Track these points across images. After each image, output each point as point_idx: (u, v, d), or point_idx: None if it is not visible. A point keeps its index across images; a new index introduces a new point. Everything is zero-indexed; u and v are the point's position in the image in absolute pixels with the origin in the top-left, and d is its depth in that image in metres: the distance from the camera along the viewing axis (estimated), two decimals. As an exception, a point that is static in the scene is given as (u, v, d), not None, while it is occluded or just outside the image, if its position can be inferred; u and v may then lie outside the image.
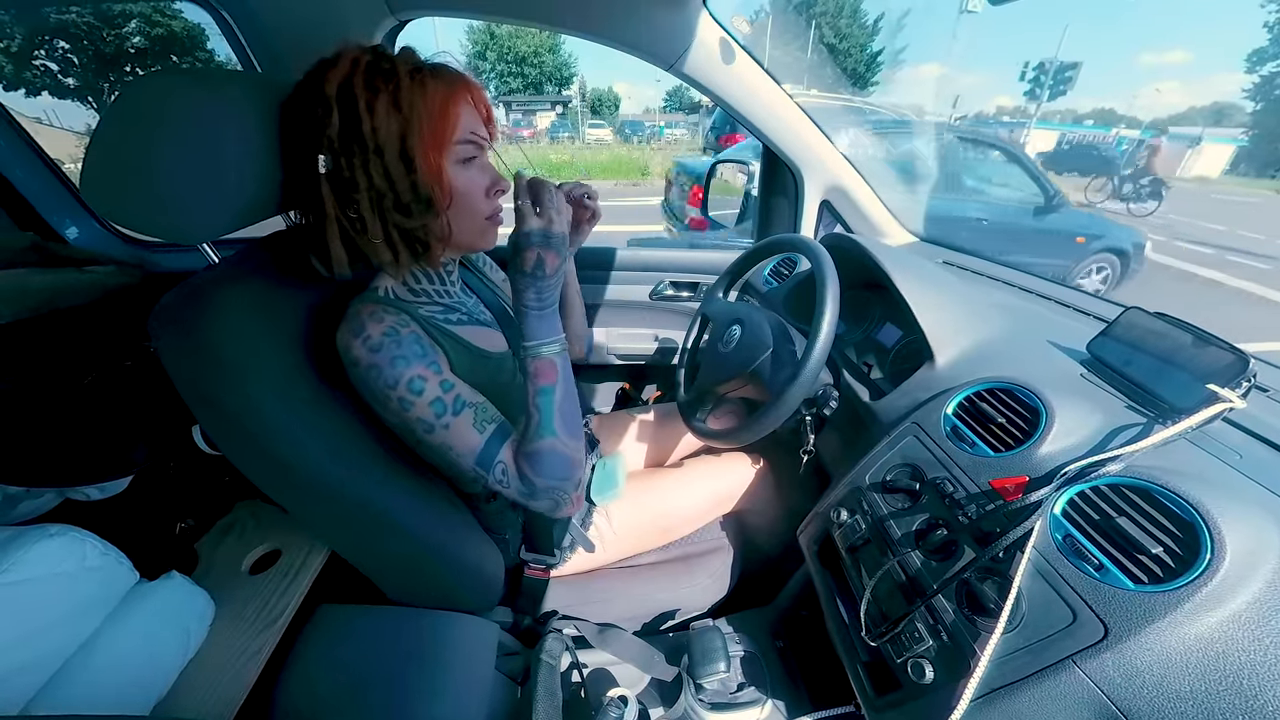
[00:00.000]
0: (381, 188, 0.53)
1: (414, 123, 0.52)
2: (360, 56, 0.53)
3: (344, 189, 0.54)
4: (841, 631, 0.61)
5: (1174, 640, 0.37)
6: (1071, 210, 3.63)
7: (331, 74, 0.51)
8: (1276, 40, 54.92)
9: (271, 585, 0.83)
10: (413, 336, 0.57)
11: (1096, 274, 3.97)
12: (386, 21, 0.95)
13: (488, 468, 0.59)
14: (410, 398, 0.55)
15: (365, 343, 0.55)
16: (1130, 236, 3.97)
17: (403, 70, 0.53)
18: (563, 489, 0.60)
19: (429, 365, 0.57)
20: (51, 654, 0.60)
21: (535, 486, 0.59)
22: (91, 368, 0.87)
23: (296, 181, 0.56)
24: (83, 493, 0.87)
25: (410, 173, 0.54)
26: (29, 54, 15.91)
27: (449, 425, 0.57)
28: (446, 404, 0.57)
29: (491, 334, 0.71)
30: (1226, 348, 0.52)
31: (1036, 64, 30.25)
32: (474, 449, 0.58)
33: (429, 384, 0.56)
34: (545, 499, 0.60)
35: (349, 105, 0.51)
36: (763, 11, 36.53)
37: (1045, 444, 0.52)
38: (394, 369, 0.55)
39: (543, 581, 0.80)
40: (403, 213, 0.55)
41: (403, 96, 0.52)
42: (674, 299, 1.36)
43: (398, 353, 0.55)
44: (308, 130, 0.52)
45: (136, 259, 1.18)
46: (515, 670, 0.72)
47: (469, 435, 0.58)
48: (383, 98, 0.51)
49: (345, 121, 0.51)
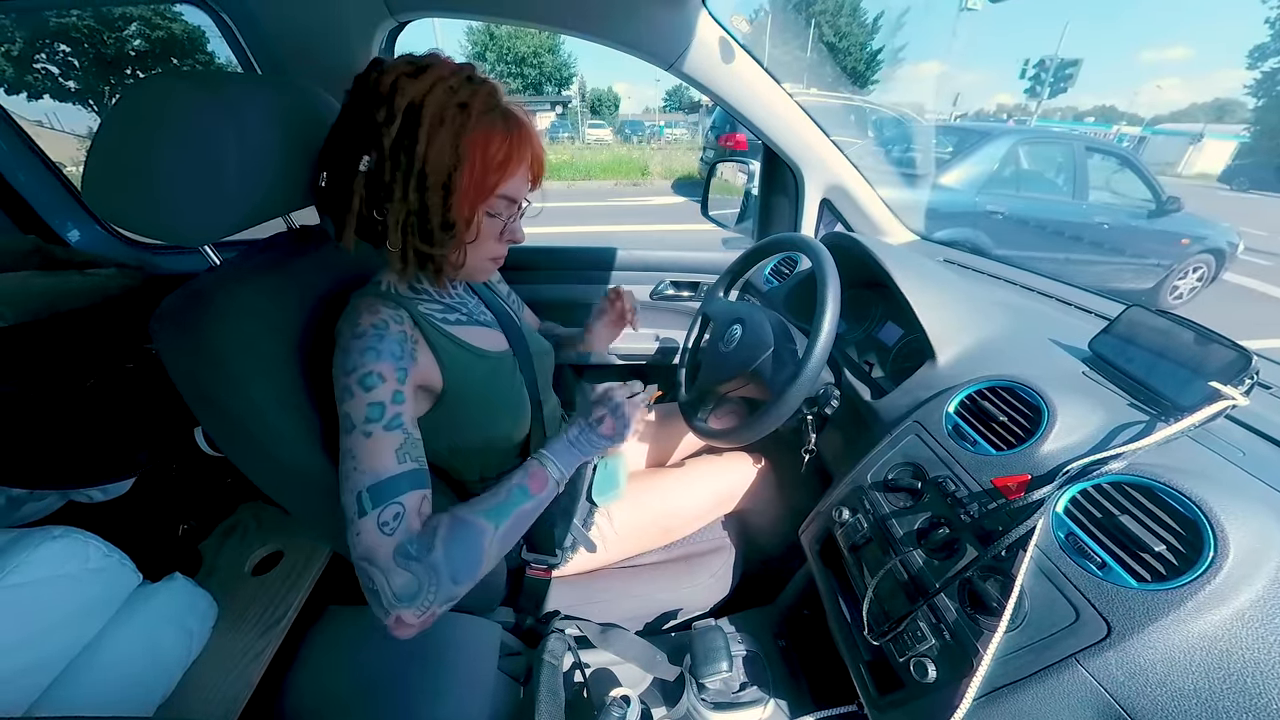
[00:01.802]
0: (413, 207, 0.54)
1: (465, 165, 0.53)
2: (443, 79, 0.52)
3: (377, 192, 0.54)
4: (844, 630, 0.61)
5: (1177, 638, 0.37)
6: (1180, 214, 3.76)
7: (410, 86, 0.51)
8: (1278, 36, 54.75)
9: (274, 586, 0.83)
10: (399, 336, 0.56)
11: (1193, 273, 4.10)
12: (386, 23, 0.95)
13: (378, 502, 0.49)
14: (355, 389, 0.51)
15: (353, 330, 0.54)
16: (1227, 236, 4.06)
17: (476, 112, 0.52)
18: (435, 588, 0.49)
19: (396, 369, 0.54)
20: (55, 655, 0.61)
21: (425, 558, 0.49)
22: (93, 370, 0.88)
23: (334, 164, 0.56)
24: (86, 495, 0.88)
25: (445, 206, 0.54)
26: (30, 57, 15.95)
27: (370, 434, 0.50)
28: (385, 413, 0.51)
29: (491, 334, 0.71)
30: (1229, 345, 0.52)
31: (1037, 61, 30.21)
32: (377, 474, 0.49)
33: (382, 386, 0.52)
34: (411, 577, 0.48)
35: (413, 124, 0.51)
36: (762, 10, 36.50)
37: (1047, 442, 0.52)
38: (361, 357, 0.52)
39: (545, 582, 0.80)
40: (424, 237, 0.56)
41: (467, 138, 0.52)
42: (674, 299, 1.36)
43: (372, 344, 0.53)
44: (365, 127, 0.52)
45: (138, 261, 1.18)
46: (518, 670, 0.73)
47: (382, 457, 0.50)
48: (447, 131, 0.51)
49: (403, 137, 0.51)
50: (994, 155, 3.44)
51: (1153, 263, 3.88)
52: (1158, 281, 3.95)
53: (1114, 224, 3.69)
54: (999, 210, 3.33)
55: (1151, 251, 3.85)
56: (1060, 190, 3.69)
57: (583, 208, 7.60)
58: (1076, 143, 3.74)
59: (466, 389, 0.63)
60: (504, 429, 0.71)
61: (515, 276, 0.92)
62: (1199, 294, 4.20)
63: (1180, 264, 3.97)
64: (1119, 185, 3.76)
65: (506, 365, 0.70)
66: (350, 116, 0.54)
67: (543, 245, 1.33)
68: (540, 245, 1.33)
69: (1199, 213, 4.14)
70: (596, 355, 1.00)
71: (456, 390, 0.62)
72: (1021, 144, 3.57)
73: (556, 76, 33.02)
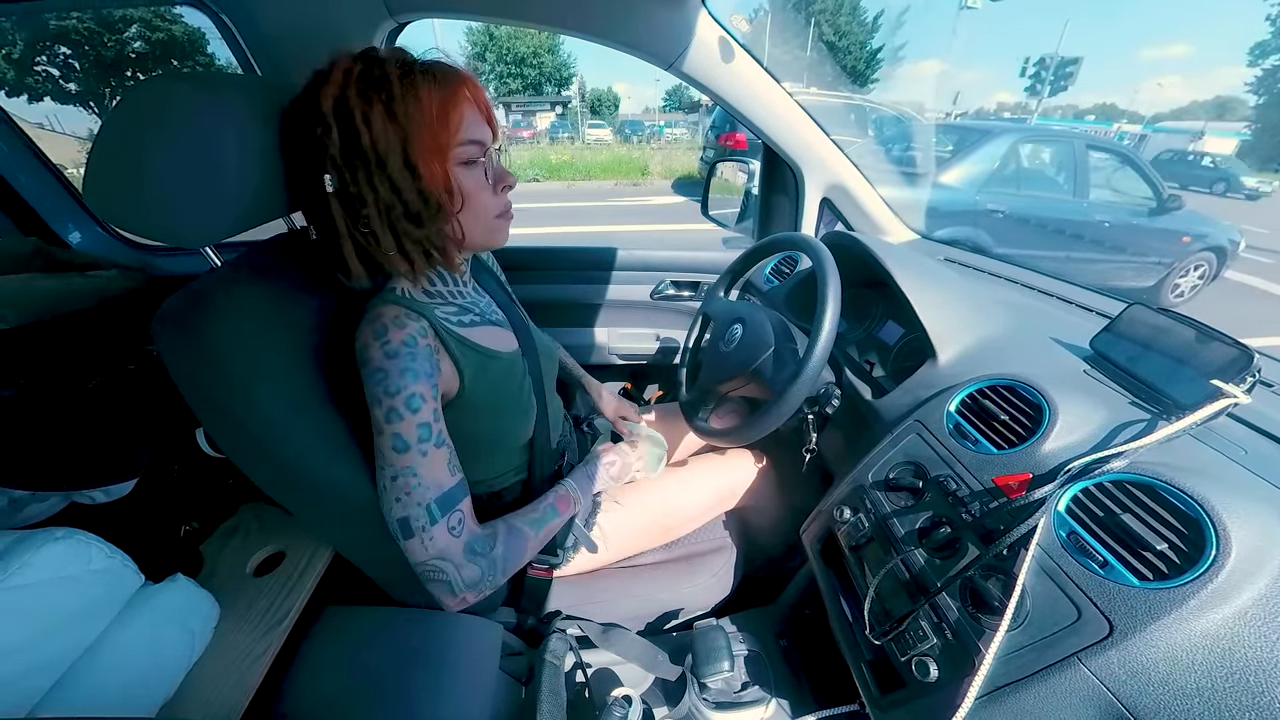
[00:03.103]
0: (389, 200, 0.53)
1: (413, 131, 0.52)
2: (352, 66, 0.52)
3: (353, 205, 0.53)
4: (845, 630, 0.61)
5: (1180, 637, 0.37)
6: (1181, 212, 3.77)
7: (325, 89, 0.51)
8: (1279, 33, 54.65)
9: (276, 587, 0.83)
10: (427, 350, 0.57)
11: (1194, 271, 4.10)
12: (386, 24, 0.95)
13: (445, 509, 0.56)
14: (403, 412, 0.54)
15: (384, 347, 0.54)
16: (1228, 233, 4.06)
17: (394, 75, 0.51)
18: (493, 577, 0.60)
19: (430, 387, 0.56)
20: (58, 657, 0.61)
21: (487, 554, 0.59)
22: (95, 372, 0.88)
23: (304, 199, 0.56)
24: (88, 496, 0.88)
25: (416, 181, 0.53)
26: (31, 60, 15.98)
27: (426, 454, 0.55)
28: (433, 432, 0.55)
29: (503, 334, 0.71)
30: (1230, 343, 0.52)
31: (1037, 60, 30.15)
32: (441, 486, 0.56)
33: (426, 406, 0.55)
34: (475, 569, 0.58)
35: (346, 120, 0.50)
36: (762, 10, 36.47)
37: (1048, 441, 0.52)
38: (402, 379, 0.54)
39: (546, 581, 0.80)
40: (414, 222, 0.55)
41: (397, 105, 0.51)
42: (675, 298, 1.36)
43: (410, 365, 0.54)
44: (310, 149, 0.52)
45: (139, 263, 1.18)
46: (519, 671, 0.73)
47: (440, 472, 0.56)
48: (377, 108, 0.51)
49: (345, 138, 0.51)
50: (994, 154, 3.44)
51: (1154, 261, 3.88)
52: (1159, 279, 3.96)
53: (1115, 222, 3.69)
54: (999, 209, 3.33)
55: (1152, 249, 3.85)
56: (1061, 188, 3.69)
57: (583, 208, 7.59)
58: (1077, 140, 3.74)
59: (480, 392, 0.64)
60: (511, 430, 0.71)
61: (515, 276, 0.92)
62: (1200, 292, 4.20)
63: (1181, 262, 3.98)
64: (1120, 183, 3.76)
65: (517, 367, 0.71)
66: (292, 149, 0.54)
67: (543, 245, 1.33)
68: (540, 245, 1.33)
69: (1200, 210, 4.14)
70: (597, 356, 1.02)
71: (471, 393, 0.63)
72: (1021, 142, 3.57)
73: (556, 77, 33.02)
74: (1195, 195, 13.00)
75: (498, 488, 0.75)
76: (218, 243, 0.55)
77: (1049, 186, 3.75)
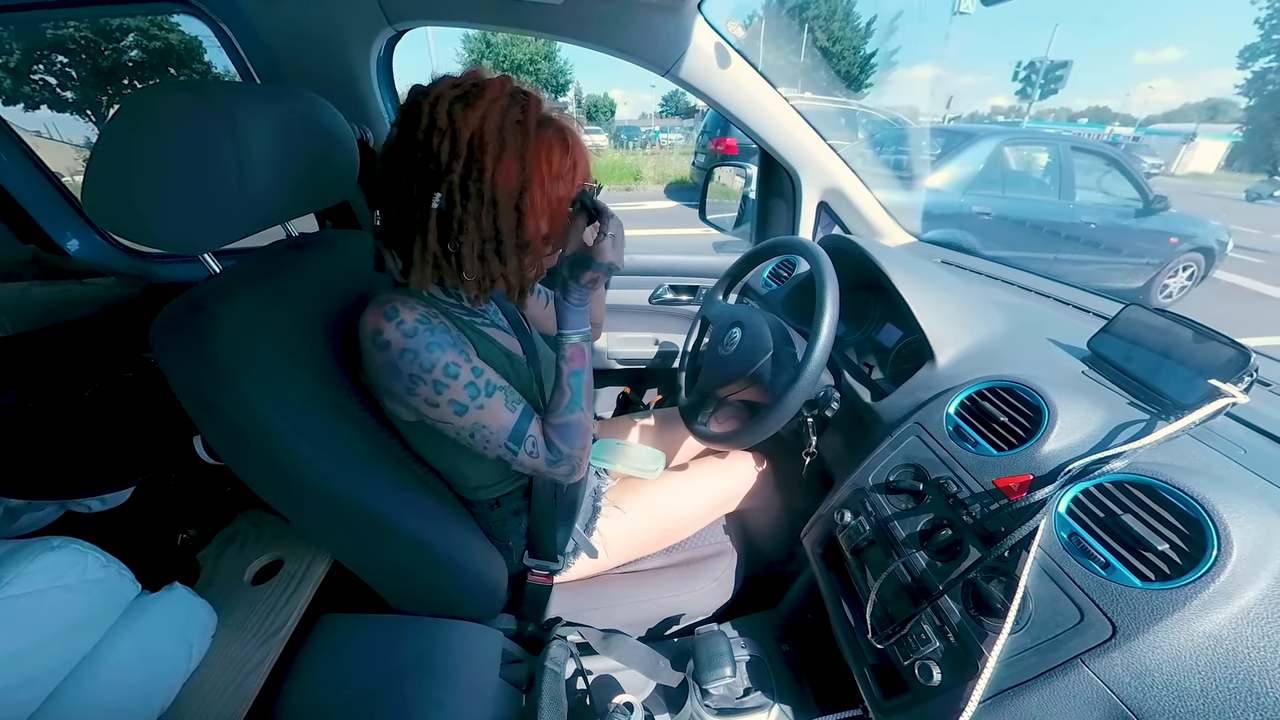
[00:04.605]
0: (487, 234, 0.54)
1: (534, 183, 0.54)
2: (495, 100, 0.52)
3: (450, 226, 0.54)
4: (847, 634, 0.60)
5: (1183, 638, 0.37)
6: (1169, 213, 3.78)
7: (469, 116, 0.51)
8: (1268, 36, 55.28)
9: (274, 595, 0.83)
10: (443, 326, 0.58)
11: (1183, 272, 4.10)
12: (384, 31, 0.95)
13: (519, 442, 0.62)
14: (446, 380, 0.57)
15: (399, 326, 0.55)
16: (1216, 234, 4.06)
17: (532, 127, 0.53)
18: (582, 456, 0.67)
19: (460, 352, 0.59)
20: (54, 667, 0.60)
21: (562, 454, 0.65)
22: (93, 379, 0.87)
23: (394, 202, 0.55)
24: (84, 505, 0.87)
25: (519, 227, 0.55)
26: (28, 69, 16.00)
27: (484, 406, 0.60)
28: (479, 387, 0.59)
29: (510, 338, 0.72)
30: (1227, 342, 0.52)
31: (1027, 64, 30.43)
32: (507, 426, 0.61)
33: (463, 369, 0.58)
34: (566, 465, 0.66)
35: (478, 155, 0.51)
36: (756, 16, 36.75)
37: (1048, 442, 0.52)
38: (430, 353, 0.56)
39: (546, 588, 0.80)
40: (501, 258, 0.56)
41: (529, 154, 0.53)
42: (673, 303, 1.37)
43: (432, 339, 0.56)
44: (429, 164, 0.52)
45: (137, 270, 1.18)
46: (520, 678, 0.72)
47: (502, 414, 0.61)
48: (510, 153, 0.52)
49: (470, 169, 0.51)
50: (978, 156, 3.45)
51: (1142, 262, 3.88)
52: (1147, 280, 3.96)
53: (1101, 223, 3.69)
54: (985, 211, 3.33)
55: (1140, 250, 3.85)
56: (1046, 190, 3.69)
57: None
58: (1062, 143, 3.74)
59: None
60: None
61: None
62: (1189, 292, 4.20)
63: (1169, 263, 3.97)
64: (1108, 185, 3.76)
65: (524, 370, 0.71)
66: (406, 152, 0.53)
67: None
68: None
69: (1188, 211, 4.15)
70: (596, 360, 1.00)
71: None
72: (1006, 145, 3.56)
73: (552, 83, 33.17)
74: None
75: (498, 494, 0.75)
76: (216, 250, 0.55)
77: (1034, 188, 3.76)
